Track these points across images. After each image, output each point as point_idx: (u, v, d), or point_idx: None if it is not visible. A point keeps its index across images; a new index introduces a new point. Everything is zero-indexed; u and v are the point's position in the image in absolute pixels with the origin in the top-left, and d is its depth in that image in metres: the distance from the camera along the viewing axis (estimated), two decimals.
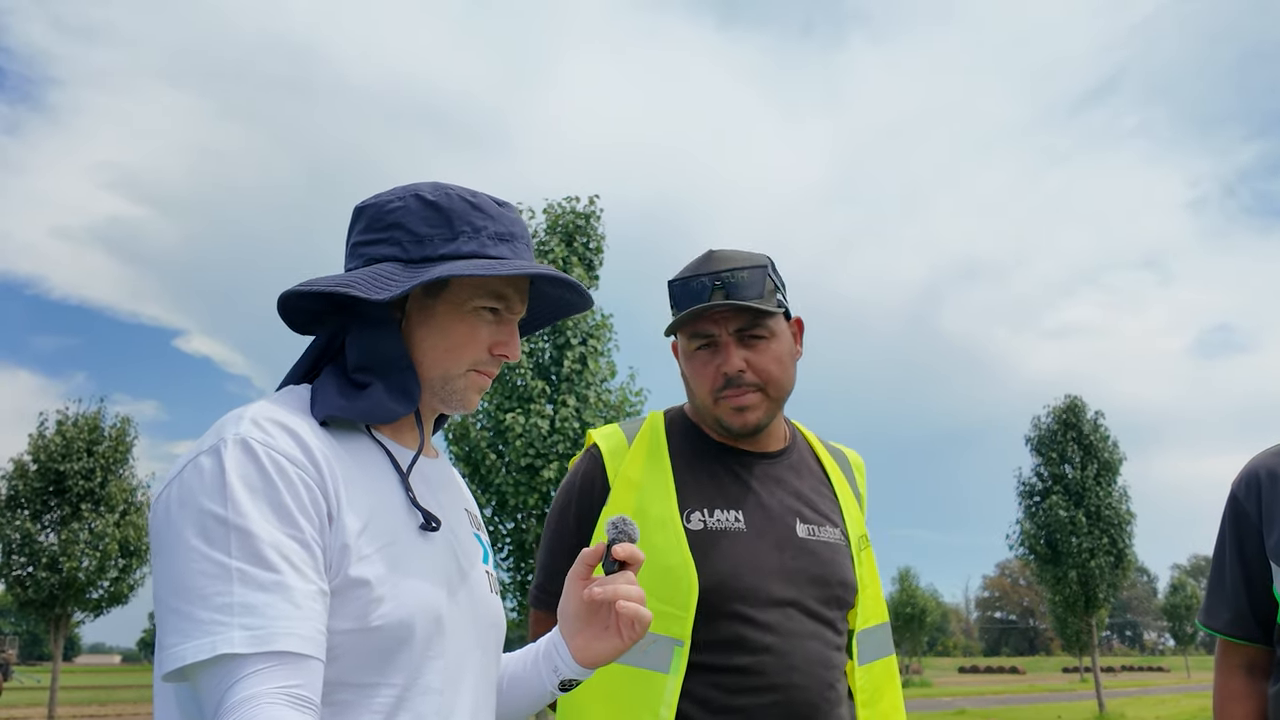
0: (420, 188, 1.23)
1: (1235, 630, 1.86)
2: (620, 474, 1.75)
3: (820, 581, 1.68)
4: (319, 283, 1.17)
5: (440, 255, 1.20)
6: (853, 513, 1.82)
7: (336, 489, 1.08)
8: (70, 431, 18.60)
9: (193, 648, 0.96)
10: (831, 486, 1.82)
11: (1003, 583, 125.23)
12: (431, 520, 1.19)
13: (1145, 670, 74.78)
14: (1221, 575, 1.89)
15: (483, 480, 13.69)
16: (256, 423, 1.07)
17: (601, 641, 1.31)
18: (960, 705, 27.40)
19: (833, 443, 1.95)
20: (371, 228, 1.22)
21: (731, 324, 1.69)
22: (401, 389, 1.20)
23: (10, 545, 17.87)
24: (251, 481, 1.02)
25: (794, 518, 1.72)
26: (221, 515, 1.00)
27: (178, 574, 0.99)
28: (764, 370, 1.70)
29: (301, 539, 1.03)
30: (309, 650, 0.98)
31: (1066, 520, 22.25)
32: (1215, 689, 1.93)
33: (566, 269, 14.49)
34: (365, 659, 1.07)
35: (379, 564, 1.09)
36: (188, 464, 1.05)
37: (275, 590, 0.98)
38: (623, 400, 14.14)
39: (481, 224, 1.23)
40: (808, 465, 1.84)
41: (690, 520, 1.67)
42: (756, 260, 1.74)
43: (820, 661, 1.63)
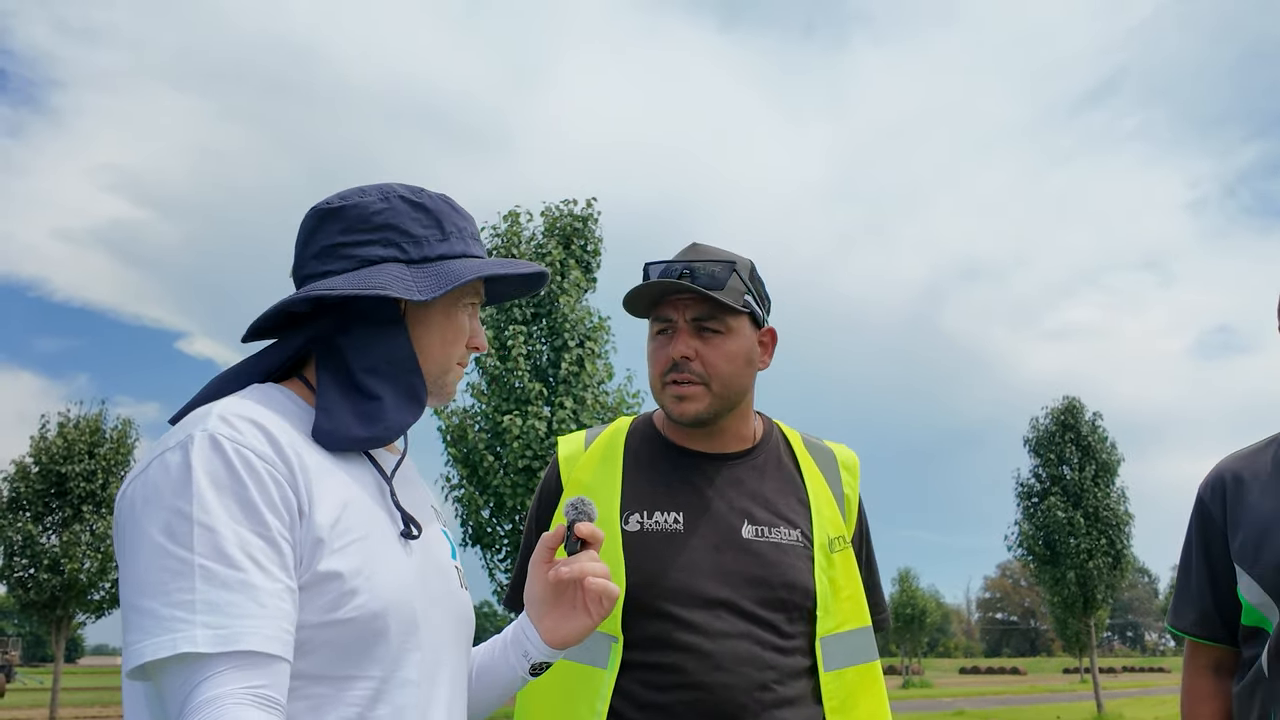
0: (390, 189, 1.25)
1: (1202, 631, 1.88)
2: (572, 477, 1.79)
3: (759, 582, 1.68)
4: (342, 286, 1.16)
5: (439, 255, 1.23)
6: (827, 513, 1.79)
7: (308, 484, 1.07)
8: (72, 434, 18.65)
9: (153, 645, 0.94)
10: (804, 487, 1.81)
11: (1004, 584, 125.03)
12: (413, 526, 1.20)
13: (1146, 671, 74.63)
14: (1188, 577, 1.91)
15: (480, 481, 13.73)
16: (225, 419, 1.06)
17: (570, 621, 1.34)
18: (960, 706, 27.39)
19: (825, 441, 1.93)
20: (357, 229, 1.21)
21: (689, 311, 1.72)
22: (410, 393, 1.22)
23: (12, 547, 17.92)
24: (218, 478, 1.01)
25: (741, 519, 1.72)
26: (186, 512, 0.98)
27: (141, 570, 0.98)
28: (712, 364, 1.71)
29: (269, 536, 1.01)
30: (274, 650, 0.97)
31: (1065, 521, 22.26)
32: (1183, 689, 1.95)
33: (564, 271, 14.53)
34: (341, 652, 1.07)
35: (353, 557, 1.08)
36: (154, 459, 1.04)
37: (240, 589, 0.97)
38: (620, 402, 14.20)
39: (462, 224, 1.28)
40: (776, 465, 1.82)
41: (628, 522, 1.71)
42: (730, 257, 1.76)
43: (751, 661, 1.63)
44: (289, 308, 1.20)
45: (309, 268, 1.23)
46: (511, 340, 13.94)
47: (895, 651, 54.87)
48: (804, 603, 1.71)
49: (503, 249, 14.70)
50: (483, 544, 14.23)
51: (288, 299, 1.19)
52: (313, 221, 1.25)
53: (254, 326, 1.23)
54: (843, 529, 1.81)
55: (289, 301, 1.19)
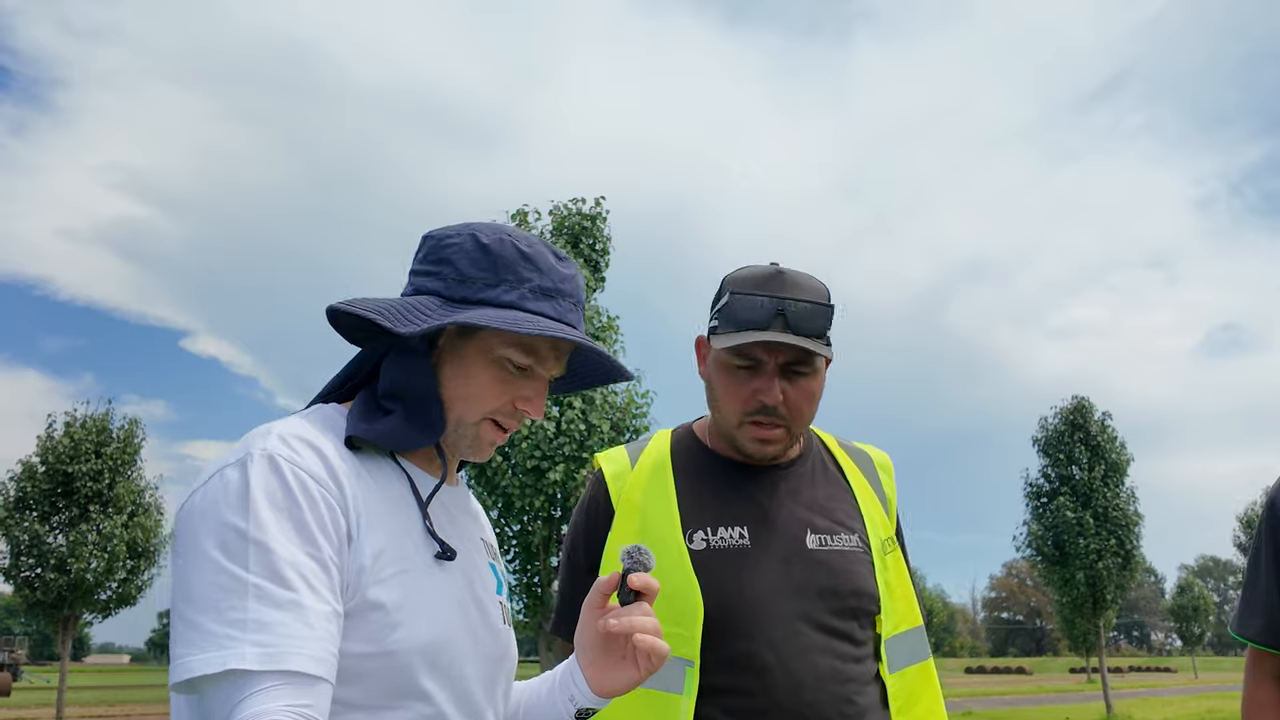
0: (480, 228, 1.25)
1: (1267, 639, 1.84)
2: (624, 497, 1.73)
3: (831, 593, 1.64)
4: (359, 304, 1.19)
5: (479, 299, 1.21)
6: (875, 516, 1.77)
7: (358, 511, 1.09)
8: (78, 433, 18.66)
9: (203, 660, 0.96)
10: (851, 491, 1.78)
11: (1010, 583, 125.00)
12: (447, 550, 1.19)
13: (1152, 671, 74.55)
14: (1256, 583, 1.88)
15: (489, 482, 13.71)
16: (284, 439, 1.09)
17: (618, 671, 1.30)
18: (968, 706, 27.34)
19: (855, 443, 1.91)
20: (427, 259, 1.25)
21: (782, 355, 1.64)
22: (424, 419, 1.21)
23: (19, 546, 17.95)
24: (275, 497, 1.03)
25: (804, 529, 1.69)
26: (242, 529, 1.01)
27: (194, 584, 1.00)
28: (797, 407, 1.67)
29: (320, 558, 1.03)
30: (319, 671, 0.99)
31: (1074, 521, 22.20)
32: (1245, 697, 1.91)
33: None
34: (379, 683, 1.08)
35: (395, 589, 1.10)
36: (214, 475, 1.06)
37: (290, 608, 0.99)
38: (629, 402, 14.13)
39: (528, 275, 1.22)
40: (824, 471, 1.80)
41: (693, 540, 1.66)
42: (823, 295, 1.68)
43: (832, 677, 1.60)
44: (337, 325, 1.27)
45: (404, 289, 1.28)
46: None
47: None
48: (871, 608, 1.68)
49: None
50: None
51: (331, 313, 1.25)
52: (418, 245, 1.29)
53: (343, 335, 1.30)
54: (889, 530, 1.80)
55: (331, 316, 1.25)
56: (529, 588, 14.11)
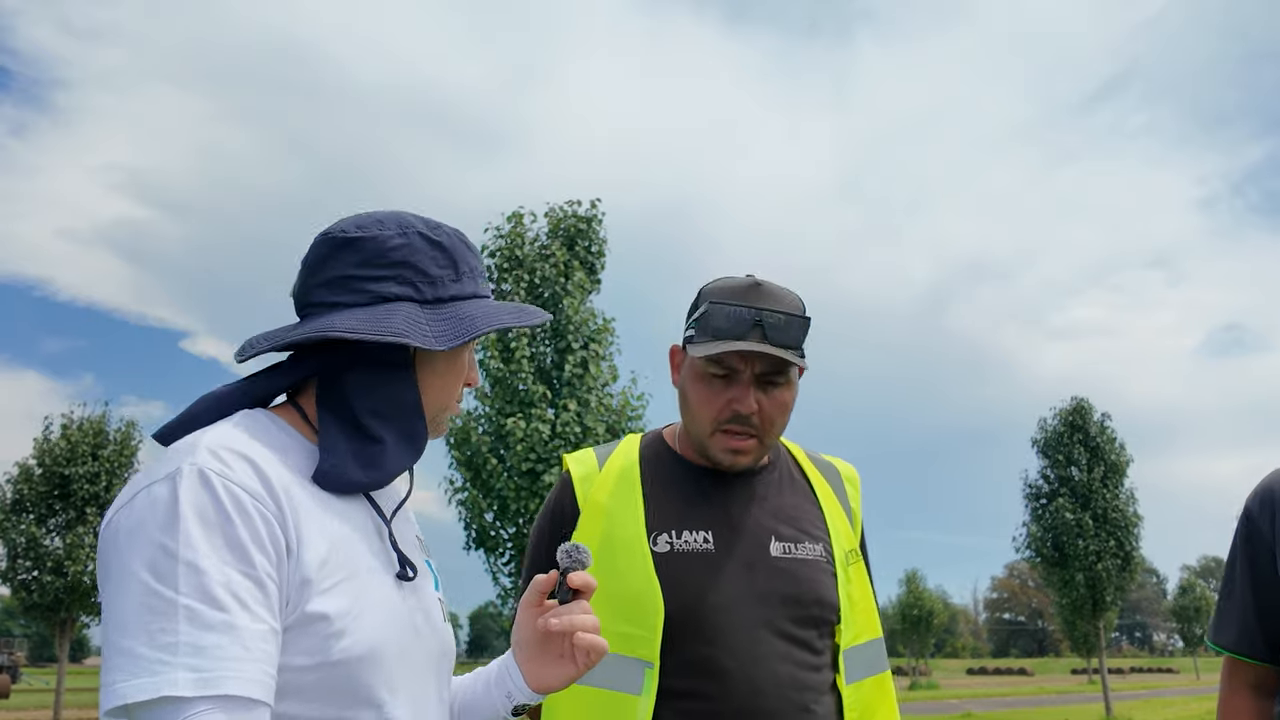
0: (407, 223, 1.22)
1: (1243, 648, 1.85)
2: (589, 499, 1.74)
3: (793, 601, 1.65)
4: (360, 328, 1.13)
5: (451, 297, 1.22)
6: (840, 527, 1.79)
7: (297, 522, 1.06)
8: (75, 435, 18.66)
9: (135, 686, 0.93)
10: (817, 501, 1.80)
11: (1011, 584, 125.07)
12: (409, 569, 1.18)
13: (1154, 672, 74.57)
14: (1231, 592, 1.88)
15: (484, 485, 13.70)
16: (214, 452, 1.04)
17: (556, 668, 1.32)
18: (967, 708, 27.34)
19: (824, 455, 1.93)
20: (373, 263, 1.19)
21: (758, 365, 1.66)
22: (412, 437, 1.21)
23: (15, 549, 17.96)
24: (206, 514, 0.99)
25: (769, 536, 1.70)
26: (172, 549, 0.97)
27: (124, 607, 0.96)
28: (770, 417, 1.69)
29: (255, 576, 1.00)
30: (256, 694, 0.96)
31: (1073, 523, 22.21)
32: (1220, 706, 1.92)
33: (568, 273, 14.50)
34: (326, 694, 1.05)
35: (340, 597, 1.07)
36: (140, 491, 1.02)
37: (223, 630, 0.96)
38: (624, 405, 14.11)
39: (474, 264, 1.27)
40: (791, 480, 1.81)
41: (657, 543, 1.66)
42: (798, 307, 1.71)
43: (791, 684, 1.61)
44: (301, 340, 1.16)
45: (316, 295, 1.20)
46: (515, 343, 13.89)
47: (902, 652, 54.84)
48: (831, 618, 1.70)
49: (506, 250, 14.67)
50: (486, 547, 14.18)
51: (302, 335, 1.15)
52: (325, 249, 1.21)
53: (255, 351, 1.18)
54: (854, 542, 1.82)
55: (303, 337, 1.15)
56: (523, 592, 14.08)
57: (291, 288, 1.25)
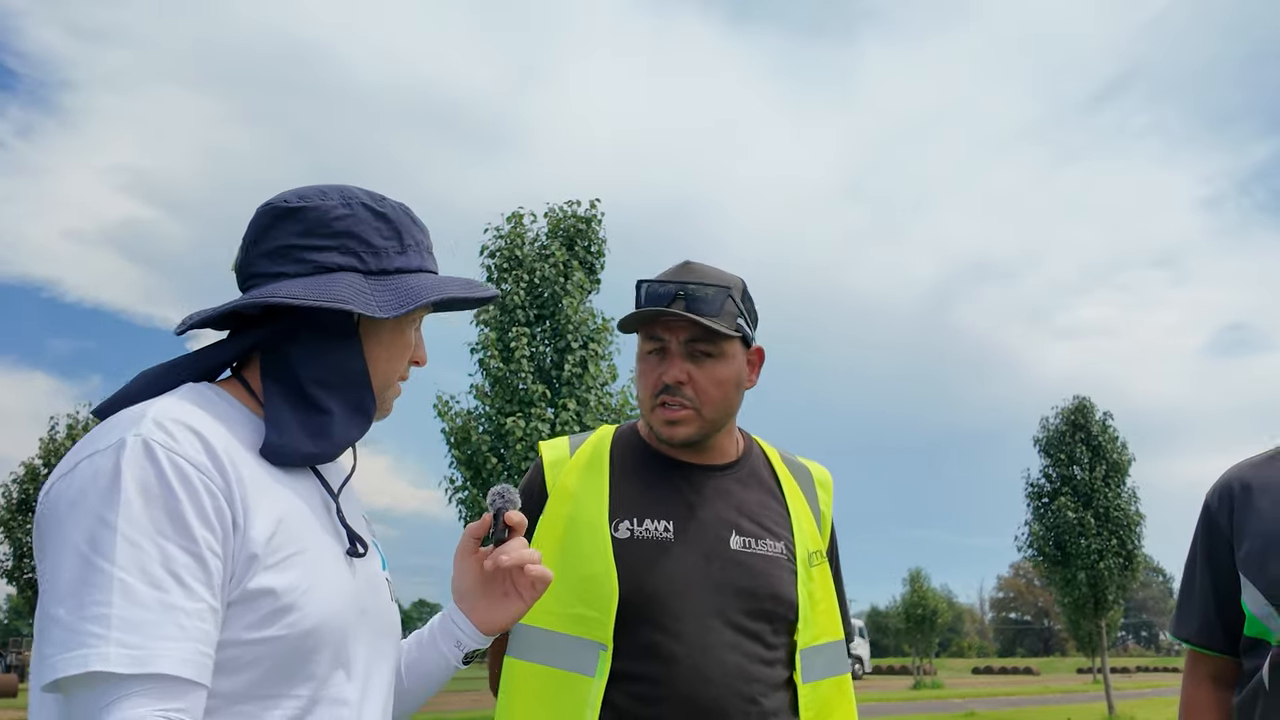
0: (351, 194, 1.22)
1: (1203, 640, 1.88)
2: (558, 483, 1.79)
3: (748, 594, 1.69)
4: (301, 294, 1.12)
5: (396, 269, 1.21)
6: (806, 528, 1.82)
7: (244, 496, 1.03)
8: (80, 435, 18.71)
9: (65, 660, 0.91)
10: (784, 501, 1.83)
11: (1017, 583, 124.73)
12: (359, 544, 1.18)
13: (1160, 671, 74.28)
14: (1192, 585, 1.91)
15: (484, 484, 13.73)
16: (159, 423, 1.01)
17: (503, 607, 1.36)
18: (971, 707, 27.27)
19: (799, 458, 1.96)
20: (316, 233, 1.18)
21: (683, 334, 1.72)
22: (359, 407, 1.19)
23: (22, 549, 18.09)
24: (149, 487, 0.97)
25: (729, 529, 1.73)
26: (112, 522, 0.94)
27: (60, 578, 0.94)
28: (703, 389, 1.73)
29: (196, 551, 0.97)
30: (191, 674, 0.95)
31: (1075, 522, 22.15)
32: (1182, 699, 1.95)
33: (568, 273, 14.52)
34: (270, 670, 1.04)
35: (288, 572, 1.05)
36: (82, 460, 1.00)
37: (159, 609, 0.94)
38: (623, 404, 14.17)
39: (420, 238, 1.26)
40: (758, 479, 1.85)
41: (618, 529, 1.71)
42: (725, 280, 1.76)
43: (739, 675, 1.64)
44: (240, 309, 1.16)
45: (258, 266, 1.18)
46: (515, 342, 13.93)
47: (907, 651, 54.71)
48: (787, 615, 1.72)
49: (506, 250, 14.71)
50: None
51: (241, 301, 1.14)
52: (267, 219, 1.20)
53: (195, 322, 1.17)
54: (820, 544, 1.84)
55: (243, 303, 1.14)
56: None
57: (232, 261, 1.24)
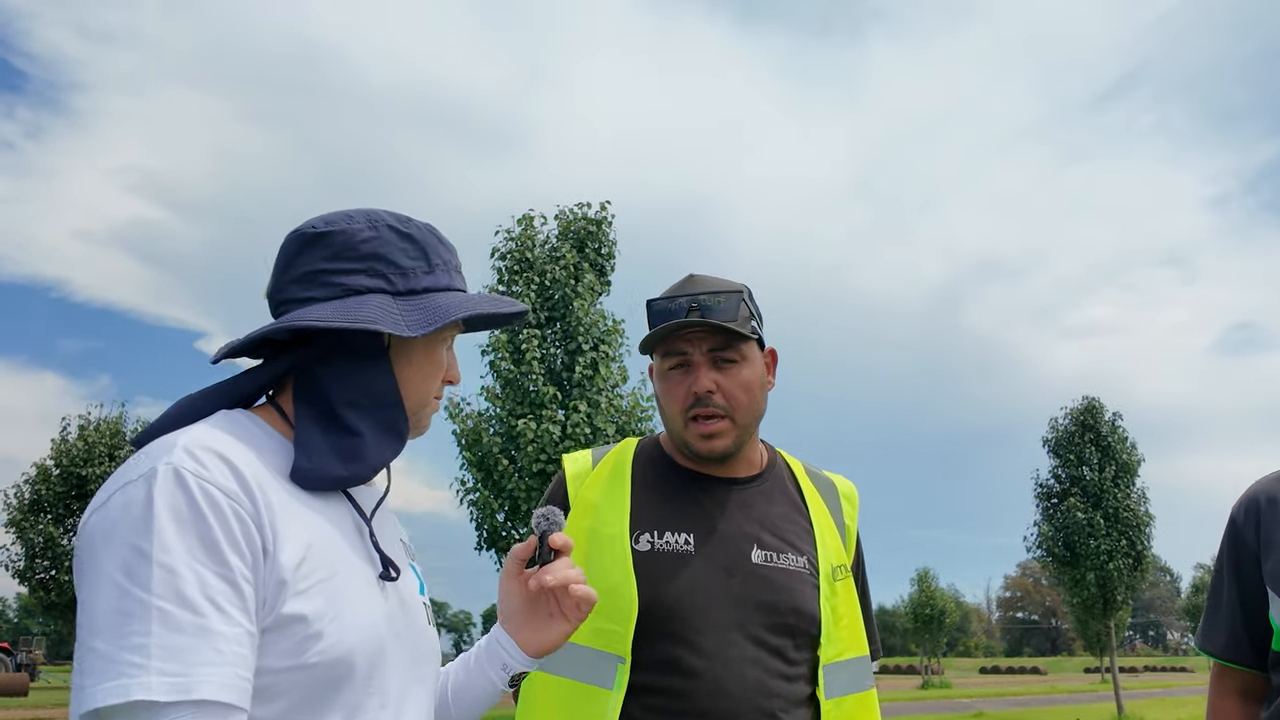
0: (377, 217, 1.22)
1: (1230, 654, 1.87)
2: (580, 496, 1.78)
3: (770, 608, 1.67)
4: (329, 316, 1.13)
5: (424, 288, 1.21)
6: (830, 542, 1.79)
7: (273, 522, 1.03)
8: (92, 436, 18.80)
9: (105, 690, 0.91)
10: (808, 514, 1.81)
11: (1024, 583, 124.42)
12: (392, 569, 1.17)
13: (1168, 671, 74.09)
14: (1219, 599, 1.90)
15: (495, 485, 13.76)
16: (190, 451, 1.02)
17: (550, 628, 1.35)
18: (979, 707, 27.26)
19: (824, 471, 1.94)
20: (343, 256, 1.18)
21: (705, 344, 1.72)
22: (392, 429, 1.19)
23: (33, 548, 18.11)
24: (181, 515, 0.97)
25: (750, 543, 1.72)
26: (146, 551, 0.95)
27: (98, 610, 0.94)
28: (732, 395, 1.72)
29: (230, 578, 0.98)
30: (231, 699, 0.95)
31: (1084, 522, 22.09)
32: (1209, 711, 1.94)
33: (578, 275, 14.52)
34: (304, 697, 1.03)
35: (318, 598, 1.05)
36: (115, 492, 1.01)
37: (198, 634, 0.94)
38: (634, 406, 14.17)
39: (447, 257, 1.26)
40: (782, 492, 1.83)
41: (638, 541, 1.70)
42: (734, 286, 1.77)
43: (759, 690, 1.62)
44: (271, 335, 1.16)
45: (289, 292, 1.19)
46: (526, 344, 13.94)
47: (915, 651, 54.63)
48: (809, 629, 1.70)
49: (516, 252, 14.73)
50: (497, 548, 14.24)
51: (271, 327, 1.16)
52: (295, 245, 1.20)
53: (228, 350, 1.19)
54: (844, 558, 1.82)
55: (273, 329, 1.15)
56: None
57: (265, 288, 1.24)
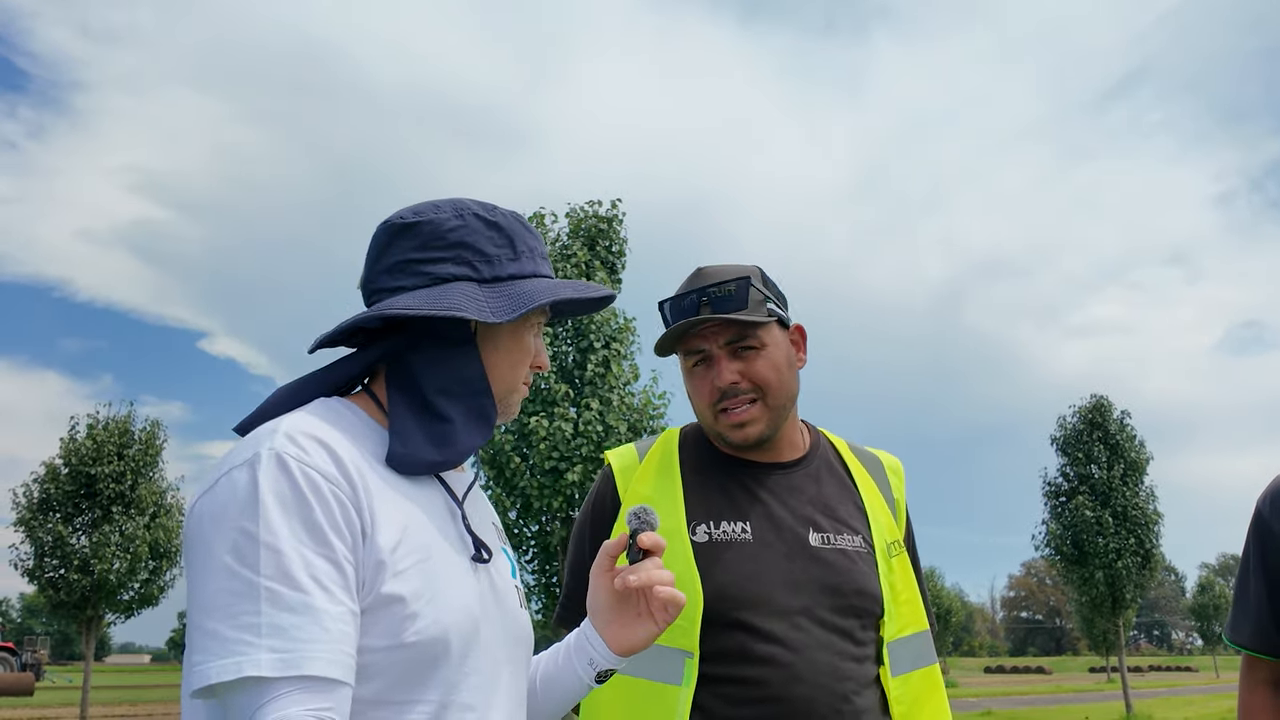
0: (463, 205, 1.25)
1: (1259, 645, 1.87)
2: (630, 490, 1.78)
3: (833, 590, 1.66)
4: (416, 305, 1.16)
5: (510, 275, 1.23)
6: (882, 519, 1.79)
7: (371, 504, 1.07)
8: (101, 435, 18.77)
9: (218, 667, 0.95)
10: (858, 492, 1.81)
11: (1028, 582, 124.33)
12: (484, 550, 1.20)
13: (1173, 670, 74.00)
14: (1246, 590, 1.91)
15: (507, 483, 13.75)
16: (291, 437, 1.06)
17: (636, 627, 1.33)
18: (987, 706, 27.25)
19: (868, 448, 1.93)
20: (431, 245, 1.21)
21: (721, 337, 1.71)
22: (480, 414, 1.22)
23: (43, 548, 18.08)
24: (285, 498, 1.01)
25: (807, 526, 1.71)
26: (253, 532, 0.99)
27: (207, 590, 0.98)
28: (760, 378, 1.71)
29: (333, 558, 1.01)
30: (337, 674, 0.98)
31: (1093, 521, 22.07)
32: (1240, 704, 1.94)
33: (589, 273, 14.52)
34: (401, 676, 1.07)
35: (414, 579, 1.08)
36: (221, 477, 1.04)
37: (304, 612, 0.97)
38: (646, 403, 14.15)
39: (533, 244, 1.28)
40: (830, 472, 1.82)
41: (695, 533, 1.69)
42: (742, 271, 1.75)
43: (830, 672, 1.61)
44: (363, 324, 1.19)
45: (380, 282, 1.23)
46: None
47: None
48: (873, 609, 1.70)
49: None
50: (509, 545, 14.25)
51: (361, 316, 1.18)
52: (385, 236, 1.24)
53: (322, 340, 1.23)
54: (896, 534, 1.81)
55: (363, 318, 1.18)
56: (547, 588, 14.17)
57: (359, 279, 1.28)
